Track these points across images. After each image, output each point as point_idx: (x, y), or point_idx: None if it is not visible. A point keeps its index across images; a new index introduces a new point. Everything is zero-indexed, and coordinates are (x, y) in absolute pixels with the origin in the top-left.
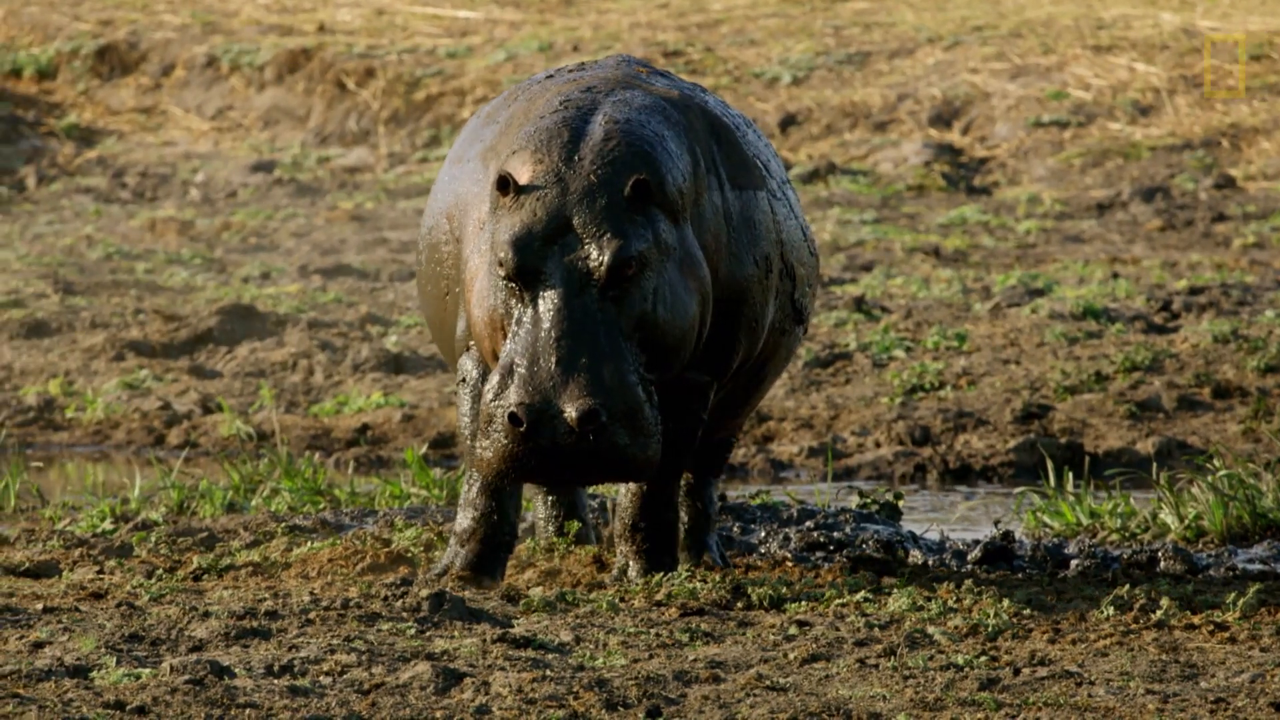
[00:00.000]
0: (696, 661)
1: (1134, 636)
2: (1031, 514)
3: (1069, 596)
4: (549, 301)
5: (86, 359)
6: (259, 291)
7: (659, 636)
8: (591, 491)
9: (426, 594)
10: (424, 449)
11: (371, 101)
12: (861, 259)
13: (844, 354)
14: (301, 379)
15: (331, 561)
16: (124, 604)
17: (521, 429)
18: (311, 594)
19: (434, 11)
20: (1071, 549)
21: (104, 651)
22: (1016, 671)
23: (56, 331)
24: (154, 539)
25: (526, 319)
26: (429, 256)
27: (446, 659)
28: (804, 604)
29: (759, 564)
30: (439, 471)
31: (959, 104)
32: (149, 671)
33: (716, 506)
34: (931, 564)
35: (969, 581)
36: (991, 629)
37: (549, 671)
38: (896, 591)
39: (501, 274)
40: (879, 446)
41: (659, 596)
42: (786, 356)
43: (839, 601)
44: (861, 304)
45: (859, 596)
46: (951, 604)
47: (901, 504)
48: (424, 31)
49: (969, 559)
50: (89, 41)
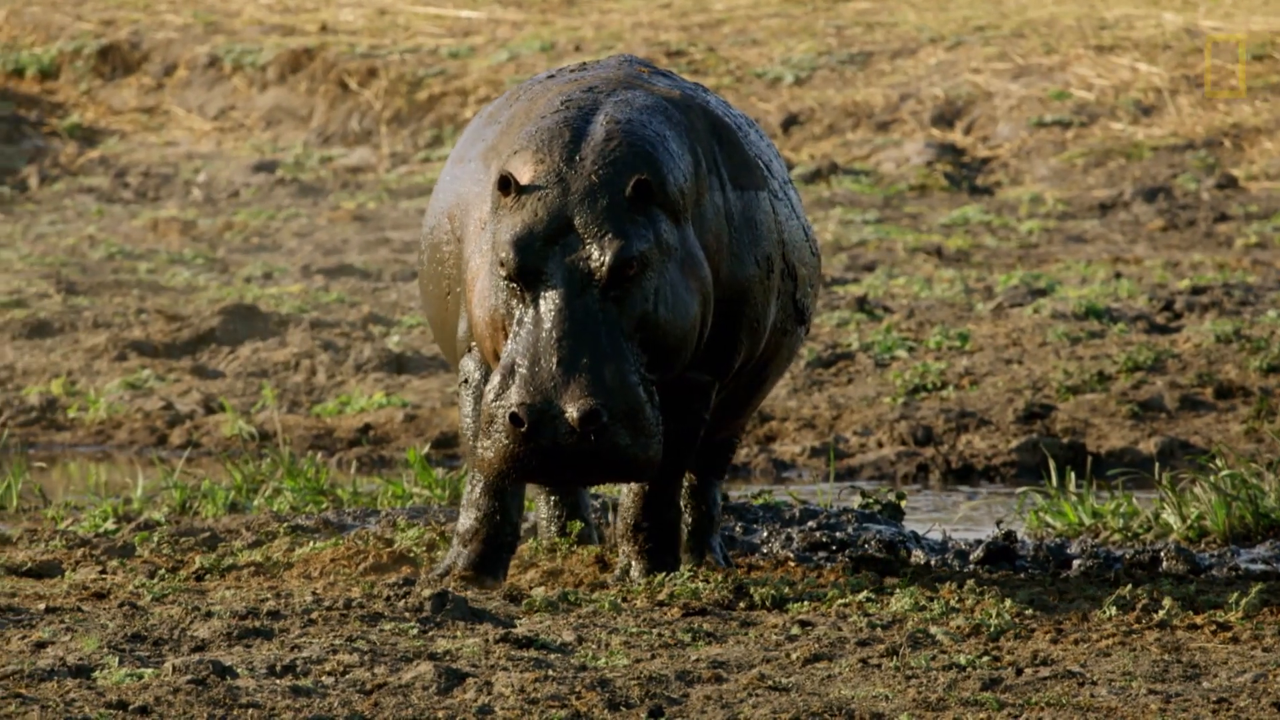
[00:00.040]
0: (699, 661)
1: (1136, 636)
2: (1034, 514)
3: (1071, 596)
4: (550, 302)
5: (89, 359)
6: (261, 291)
7: (661, 636)
8: (594, 492)
9: (429, 594)
10: (426, 449)
11: (374, 101)
12: (864, 259)
13: (846, 354)
14: (304, 379)
15: (334, 561)
16: (126, 604)
17: (523, 429)
18: (314, 594)
19: (436, 11)
20: (1074, 549)
21: (106, 651)
22: (1019, 671)
23: (59, 331)
24: (156, 539)
25: (528, 319)
26: (431, 256)
27: (449, 659)
28: (806, 604)
29: (761, 564)
30: (441, 471)
31: (961, 104)
32: (151, 671)
33: (720, 508)
34: (934, 564)
35: (971, 581)
36: (994, 629)
37: (551, 671)
38: (899, 591)
39: (503, 274)
40: (881, 446)
41: (661, 596)
42: (788, 357)
43: (841, 601)
44: (864, 304)
45: (861, 596)
46: (954, 604)
47: (904, 504)
48: (426, 31)
49: (971, 559)
50: (91, 41)
